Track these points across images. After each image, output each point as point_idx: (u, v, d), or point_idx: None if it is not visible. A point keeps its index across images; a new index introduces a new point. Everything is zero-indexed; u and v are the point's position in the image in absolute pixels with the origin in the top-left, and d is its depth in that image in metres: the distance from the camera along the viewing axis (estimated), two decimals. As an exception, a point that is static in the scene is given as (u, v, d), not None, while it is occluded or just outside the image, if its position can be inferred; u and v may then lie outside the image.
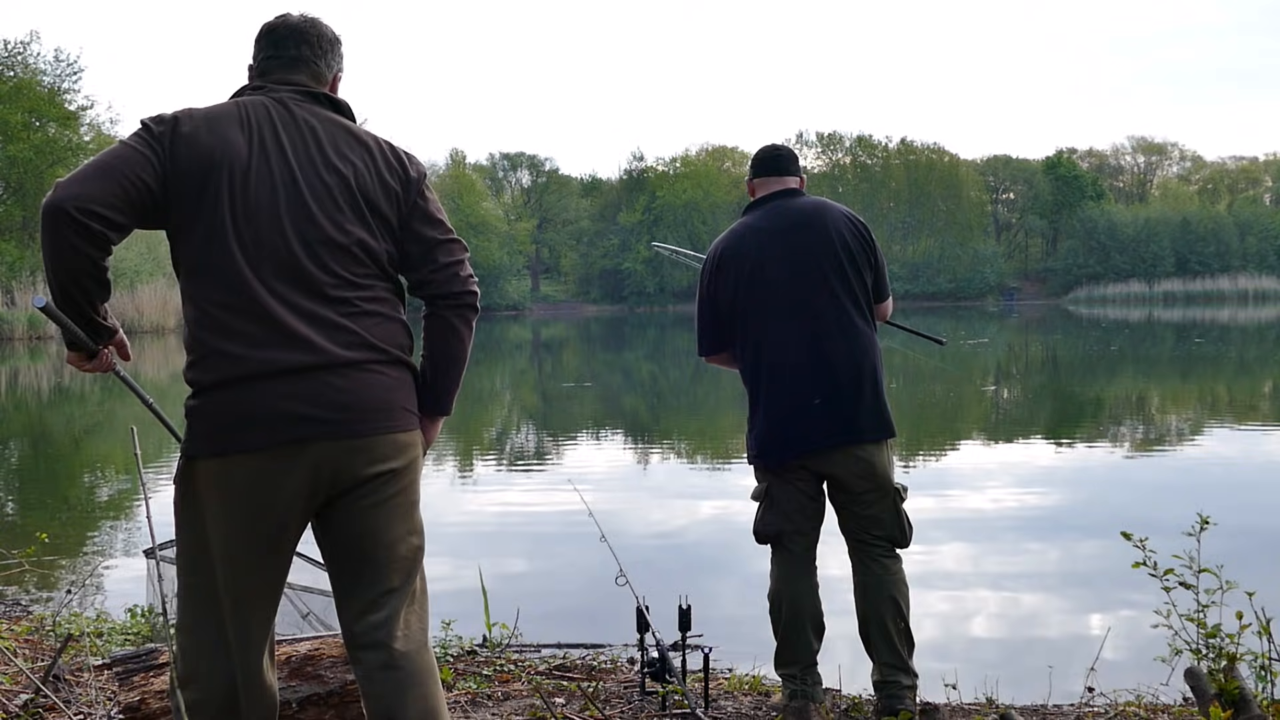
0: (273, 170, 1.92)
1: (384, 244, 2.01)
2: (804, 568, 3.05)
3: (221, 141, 1.90)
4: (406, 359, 2.05)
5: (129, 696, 2.68)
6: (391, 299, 2.04)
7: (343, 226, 1.96)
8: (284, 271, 1.90)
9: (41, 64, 34.58)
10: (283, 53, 2.08)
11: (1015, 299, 59.28)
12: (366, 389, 1.94)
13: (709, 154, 63.86)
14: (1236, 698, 2.63)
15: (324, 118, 2.03)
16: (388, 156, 2.05)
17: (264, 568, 1.95)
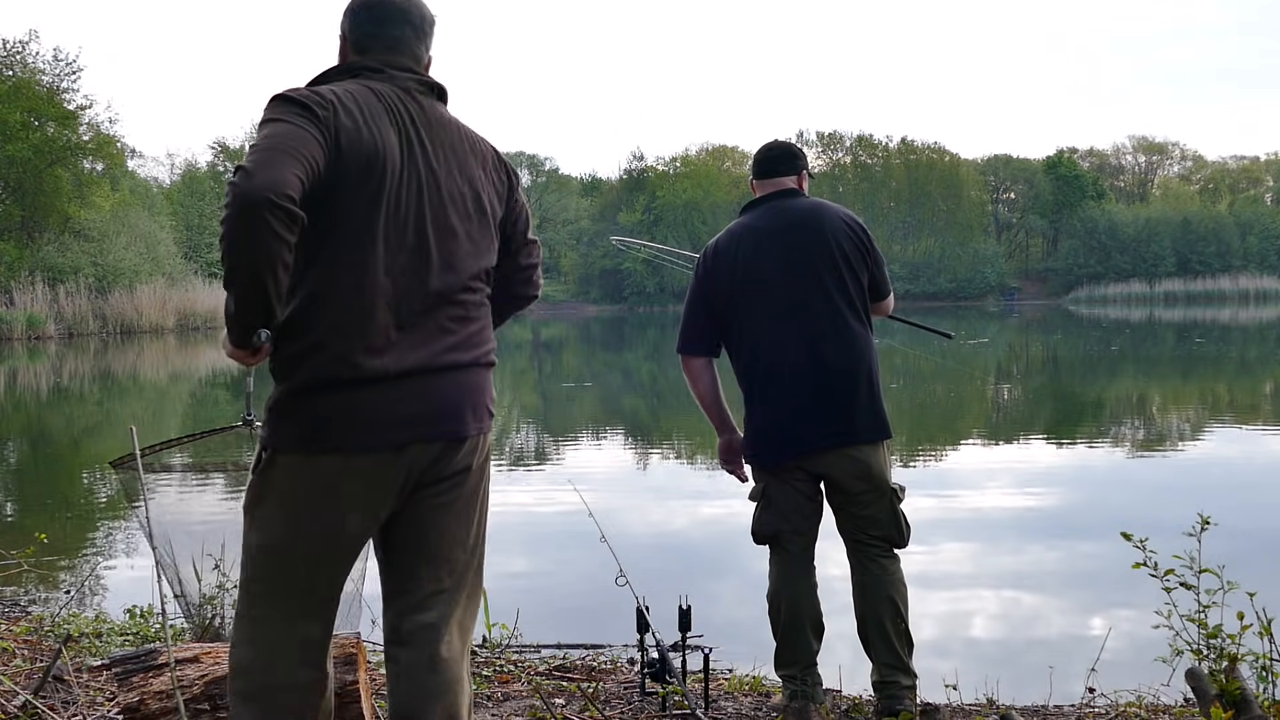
0: (420, 174, 1.92)
1: (495, 250, 2.06)
2: (802, 568, 3.04)
3: (381, 138, 1.87)
4: (494, 360, 2.11)
5: (128, 697, 2.68)
6: (488, 301, 2.08)
7: (472, 236, 1.99)
8: (417, 278, 1.90)
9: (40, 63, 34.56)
10: (385, 31, 2.01)
11: (1016, 299, 59.25)
12: (468, 391, 1.98)
13: (709, 154, 63.88)
14: (1238, 698, 2.63)
15: (449, 118, 2.04)
16: (493, 159, 2.09)
17: (348, 565, 1.99)
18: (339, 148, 1.81)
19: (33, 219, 33.40)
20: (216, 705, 2.66)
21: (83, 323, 30.16)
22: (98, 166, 37.06)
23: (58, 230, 33.03)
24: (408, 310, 1.88)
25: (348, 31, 2.06)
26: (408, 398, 1.88)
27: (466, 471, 1.99)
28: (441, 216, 1.93)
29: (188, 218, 41.96)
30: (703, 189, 59.17)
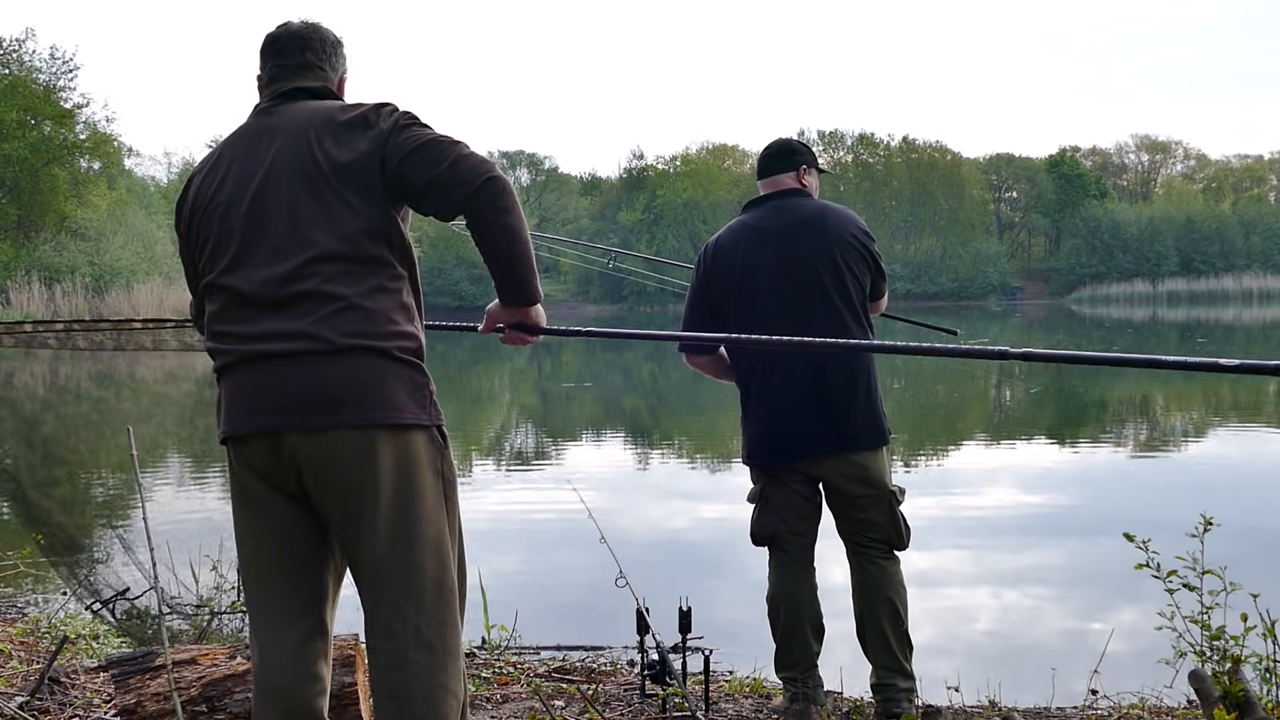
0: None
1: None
2: (801, 569, 3.03)
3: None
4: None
5: (125, 699, 2.67)
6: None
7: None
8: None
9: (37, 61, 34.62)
10: (288, 60, 2.11)
11: (1018, 298, 59.21)
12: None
13: (709, 152, 63.85)
14: (1241, 700, 2.61)
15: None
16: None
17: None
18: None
19: (29, 218, 33.40)
20: (214, 707, 2.65)
21: (80, 322, 30.16)
22: (94, 165, 37.08)
23: (54, 229, 33.04)
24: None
25: (260, 71, 2.17)
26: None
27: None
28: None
29: (187, 217, 41.93)
30: (703, 188, 59.15)
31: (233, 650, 2.77)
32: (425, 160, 1.90)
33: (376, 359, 1.90)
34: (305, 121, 1.99)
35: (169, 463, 9.87)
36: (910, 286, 55.72)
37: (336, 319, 1.89)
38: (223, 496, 8.24)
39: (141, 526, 3.09)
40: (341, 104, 2.04)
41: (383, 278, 1.94)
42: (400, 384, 1.92)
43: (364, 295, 1.91)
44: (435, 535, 1.97)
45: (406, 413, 1.93)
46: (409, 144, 1.91)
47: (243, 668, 2.69)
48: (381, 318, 1.91)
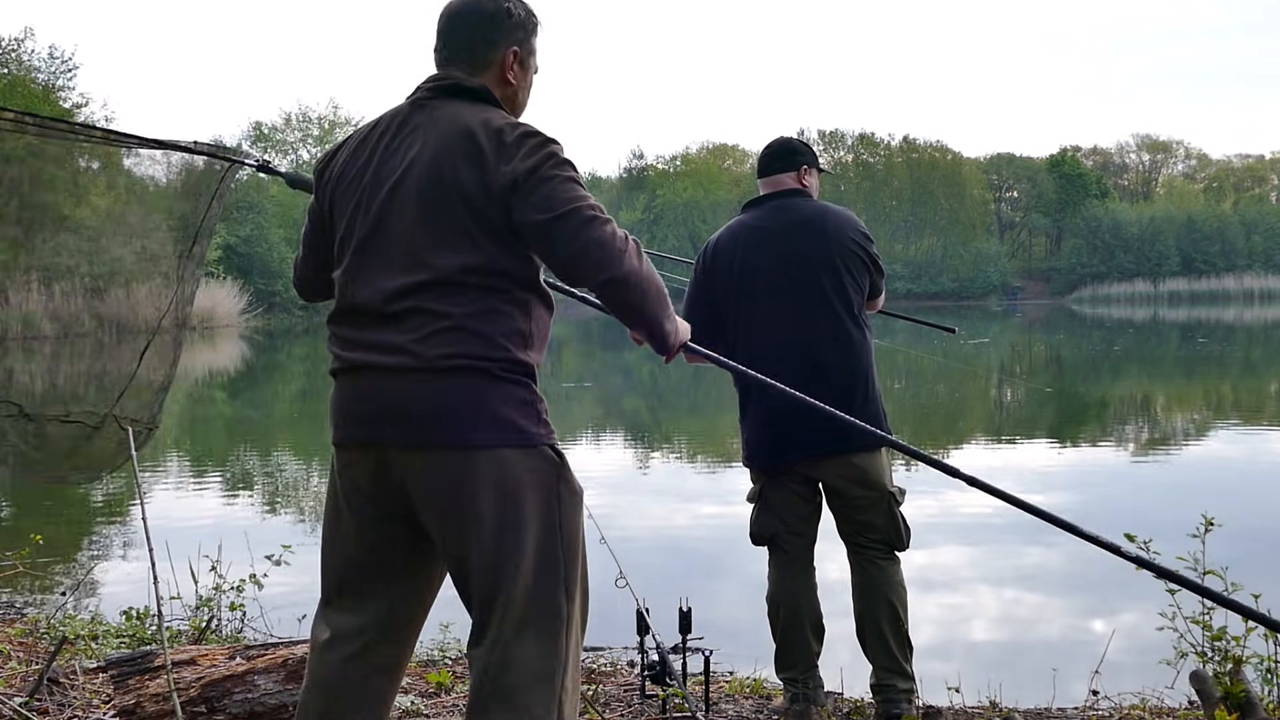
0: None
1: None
2: (801, 569, 3.03)
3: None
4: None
5: (124, 700, 2.67)
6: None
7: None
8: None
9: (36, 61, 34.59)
10: (448, 44, 2.01)
11: (1019, 298, 59.21)
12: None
13: (710, 152, 63.88)
14: (1242, 701, 2.61)
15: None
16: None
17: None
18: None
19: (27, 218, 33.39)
20: (213, 708, 2.65)
21: (78, 322, 30.16)
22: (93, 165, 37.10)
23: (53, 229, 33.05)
24: None
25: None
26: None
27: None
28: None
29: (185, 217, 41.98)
30: (703, 188, 59.17)
31: (232, 651, 2.77)
32: (549, 237, 1.84)
33: (478, 379, 1.86)
34: (448, 134, 1.90)
35: (168, 463, 9.86)
36: (911, 286, 55.71)
37: (439, 337, 1.85)
38: (222, 497, 8.24)
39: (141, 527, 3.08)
40: (489, 121, 1.89)
41: (495, 301, 1.88)
42: (504, 403, 1.87)
43: (472, 317, 1.86)
44: (539, 558, 1.89)
45: (509, 432, 1.87)
46: (536, 209, 1.83)
47: (242, 668, 2.69)
48: (488, 340, 1.87)
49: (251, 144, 50.65)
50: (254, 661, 2.69)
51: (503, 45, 1.99)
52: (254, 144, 50.70)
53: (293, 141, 51.31)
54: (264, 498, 8.03)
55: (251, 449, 11.25)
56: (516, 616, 1.87)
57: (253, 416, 14.43)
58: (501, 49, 1.99)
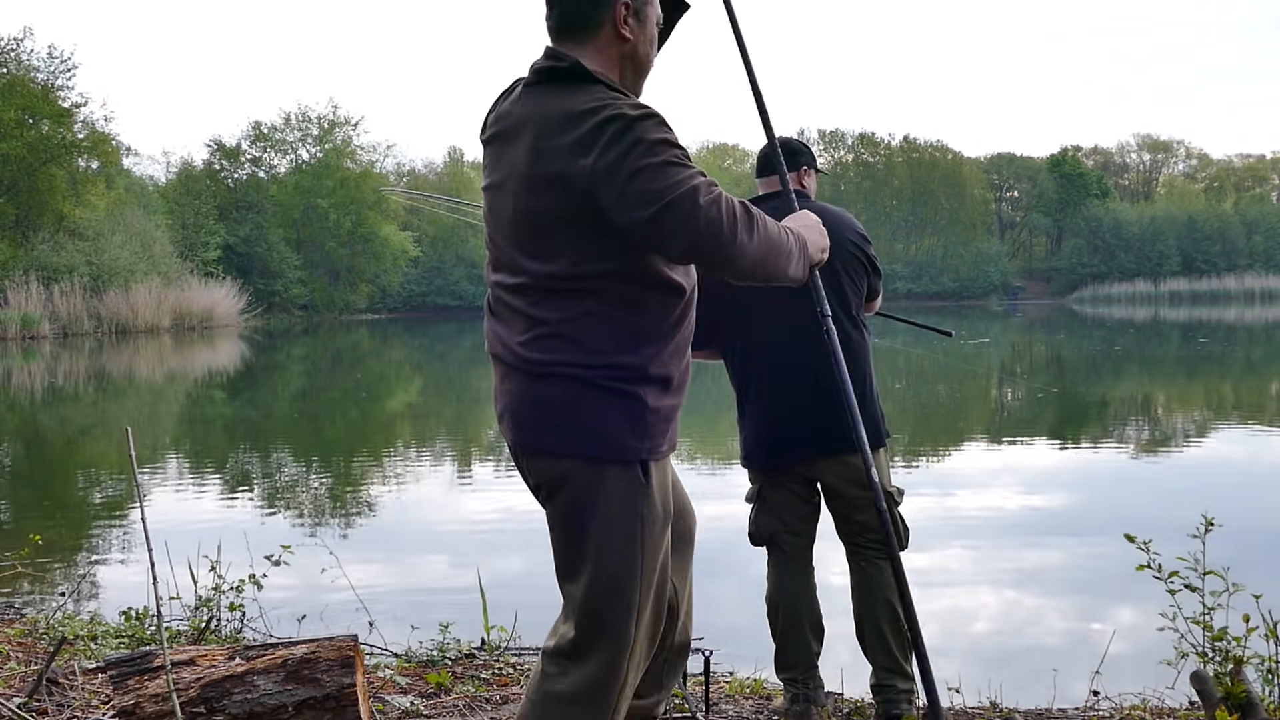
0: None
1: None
2: (800, 569, 3.02)
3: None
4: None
5: (123, 700, 2.66)
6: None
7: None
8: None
9: (35, 61, 34.63)
10: (549, 15, 1.93)
11: (1019, 298, 59.21)
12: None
13: (710, 152, 63.90)
14: (1243, 701, 2.60)
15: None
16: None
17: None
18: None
19: (27, 217, 33.39)
20: (213, 709, 2.64)
21: (77, 322, 30.13)
22: (93, 165, 37.10)
23: (52, 229, 33.03)
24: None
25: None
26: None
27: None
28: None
29: (183, 216, 41.95)
30: (704, 188, 59.15)
31: (231, 651, 2.76)
32: (656, 235, 1.76)
33: (573, 386, 1.83)
34: (538, 126, 1.82)
35: (167, 463, 9.86)
36: (911, 286, 55.72)
37: (537, 343, 1.84)
38: (221, 497, 8.24)
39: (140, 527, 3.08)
40: (570, 110, 1.80)
41: (593, 304, 1.82)
42: (599, 414, 1.83)
43: (569, 322, 1.82)
44: (610, 575, 1.86)
45: (602, 444, 1.84)
46: (632, 207, 1.74)
47: (241, 669, 2.68)
48: (586, 345, 1.82)
49: (251, 143, 50.61)
50: (253, 662, 2.68)
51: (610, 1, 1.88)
52: (253, 143, 50.66)
53: (292, 141, 51.26)
54: (263, 498, 8.03)
55: (251, 449, 11.25)
56: (575, 635, 1.86)
57: (252, 417, 14.43)
58: (610, 5, 1.89)
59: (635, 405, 1.85)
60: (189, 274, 36.41)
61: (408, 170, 58.02)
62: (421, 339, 33.75)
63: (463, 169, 58.38)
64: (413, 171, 58.36)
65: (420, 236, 52.63)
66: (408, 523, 6.95)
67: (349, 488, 8.51)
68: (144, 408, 15.29)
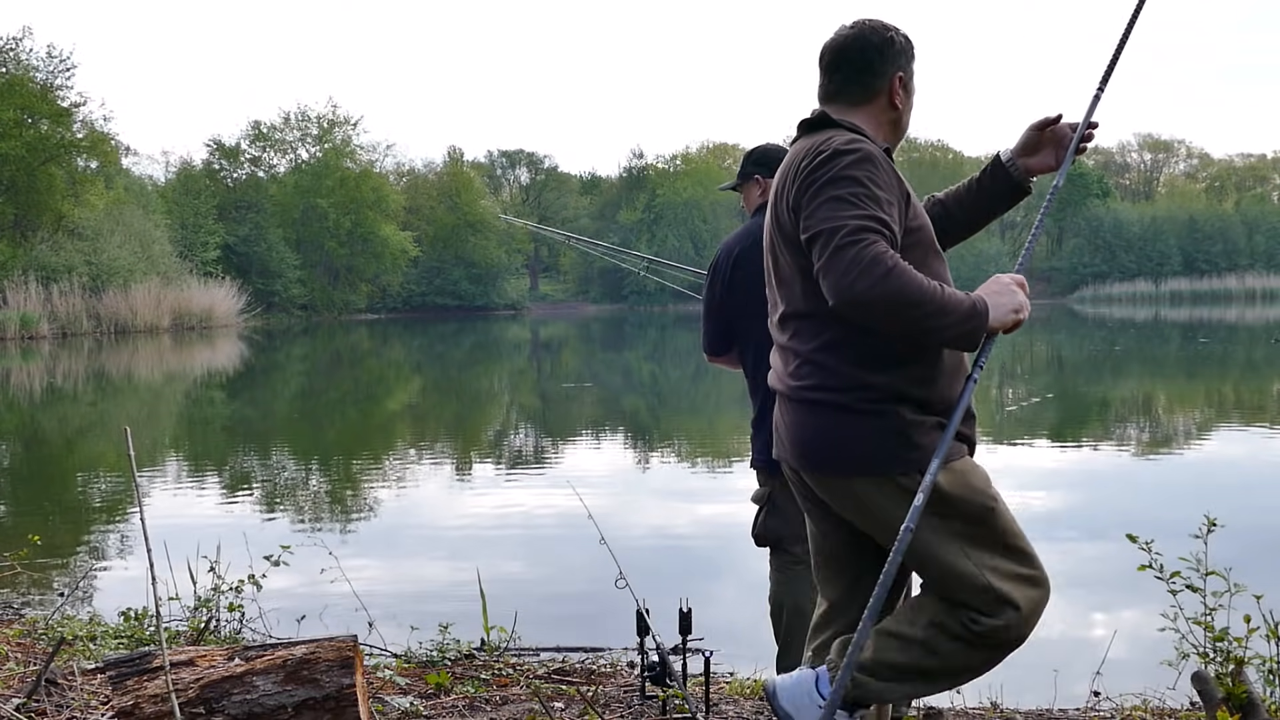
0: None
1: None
2: (804, 570, 3.01)
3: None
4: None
5: (122, 701, 2.65)
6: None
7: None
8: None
9: (34, 60, 34.55)
10: (822, 82, 2.16)
11: (1019, 298, 58.99)
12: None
13: (710, 151, 63.85)
14: (1245, 702, 2.59)
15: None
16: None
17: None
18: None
19: (26, 217, 33.36)
20: (212, 709, 2.63)
21: (76, 322, 30.12)
22: (92, 164, 37.07)
23: (51, 229, 33.02)
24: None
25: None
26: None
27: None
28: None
29: (182, 216, 41.94)
30: (703, 187, 59.13)
31: (230, 652, 2.76)
32: (812, 257, 1.94)
33: (831, 413, 1.99)
34: (791, 166, 2.04)
35: (167, 464, 9.85)
36: (911, 286, 55.62)
37: (799, 372, 2.03)
38: (220, 497, 8.23)
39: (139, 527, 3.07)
40: (801, 150, 2.03)
41: (838, 331, 1.98)
42: (859, 435, 1.97)
43: (818, 350, 2.00)
44: (929, 566, 2.03)
45: (866, 463, 1.98)
46: (803, 229, 1.95)
47: (240, 669, 2.68)
48: (837, 372, 1.98)
49: (250, 143, 50.60)
50: (253, 662, 2.67)
51: (890, 72, 2.10)
52: (253, 143, 50.65)
53: (291, 141, 51.25)
54: (263, 498, 8.02)
55: (250, 449, 11.24)
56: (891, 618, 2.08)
57: (251, 417, 14.42)
58: (888, 76, 2.10)
59: (892, 423, 1.97)
60: (188, 274, 36.39)
61: (407, 170, 58.03)
62: (421, 339, 33.75)
63: (462, 168, 58.37)
64: (412, 171, 58.35)
65: (420, 236, 52.61)
66: (407, 523, 6.94)
67: (348, 488, 8.51)
68: (143, 408, 15.28)
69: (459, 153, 59.55)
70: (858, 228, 1.86)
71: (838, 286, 1.85)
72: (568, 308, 57.81)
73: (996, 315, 2.01)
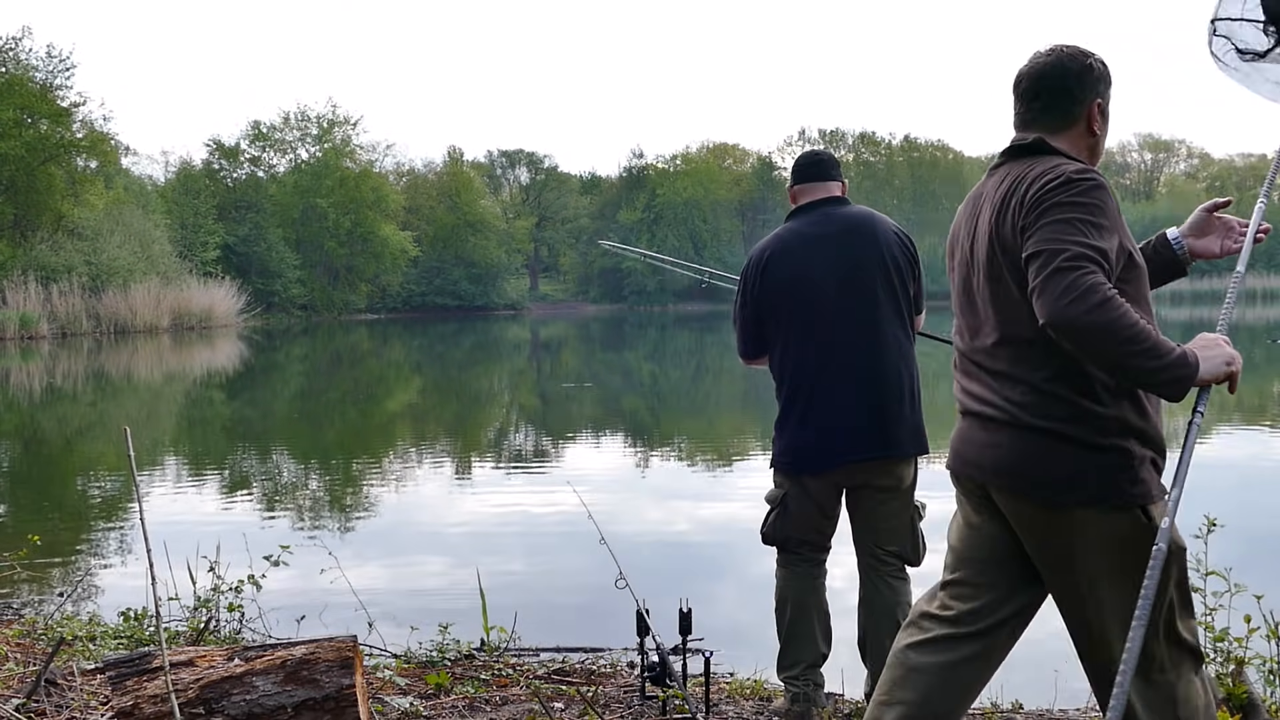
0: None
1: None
2: (812, 569, 3.03)
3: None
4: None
5: (122, 701, 2.65)
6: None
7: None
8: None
9: (34, 60, 34.52)
10: (1021, 108, 2.19)
11: (1018, 298, 59.09)
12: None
13: (710, 151, 63.82)
14: (1245, 702, 2.59)
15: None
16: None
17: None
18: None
19: (25, 217, 33.33)
20: (211, 709, 2.63)
21: (76, 322, 30.09)
22: (91, 164, 37.05)
23: (51, 229, 32.99)
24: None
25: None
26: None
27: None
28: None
29: (182, 216, 41.92)
30: (703, 187, 59.15)
31: (230, 652, 2.75)
32: (1028, 274, 1.92)
33: (1060, 443, 1.97)
34: (1005, 189, 2.04)
35: (166, 464, 9.85)
36: (911, 286, 55.68)
37: (1025, 400, 2.00)
38: (220, 497, 8.23)
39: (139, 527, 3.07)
40: (1026, 175, 2.02)
41: (1066, 360, 1.95)
42: (1090, 468, 1.95)
43: (1048, 380, 1.98)
44: (1100, 617, 2.03)
45: (1095, 495, 1.96)
46: (1026, 248, 1.93)
47: (240, 670, 2.68)
48: (1068, 401, 1.96)
49: (250, 143, 50.59)
50: (252, 663, 2.67)
51: (1089, 99, 2.12)
52: (252, 143, 50.63)
53: (291, 141, 51.23)
54: (262, 499, 8.02)
55: (250, 450, 11.24)
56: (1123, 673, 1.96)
57: (251, 417, 14.42)
58: (1088, 102, 2.12)
59: (1119, 459, 1.96)
60: (188, 274, 36.36)
61: (407, 170, 58.00)
62: (421, 339, 33.74)
63: (462, 168, 58.37)
64: (412, 171, 58.33)
65: (420, 236, 52.60)
66: (407, 523, 6.94)
67: (348, 488, 8.51)
68: (143, 408, 15.28)
69: (459, 152, 59.54)
70: (1078, 254, 1.86)
71: (1051, 307, 1.85)
72: (568, 308, 57.82)
73: (1208, 367, 2.01)
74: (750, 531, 3.07)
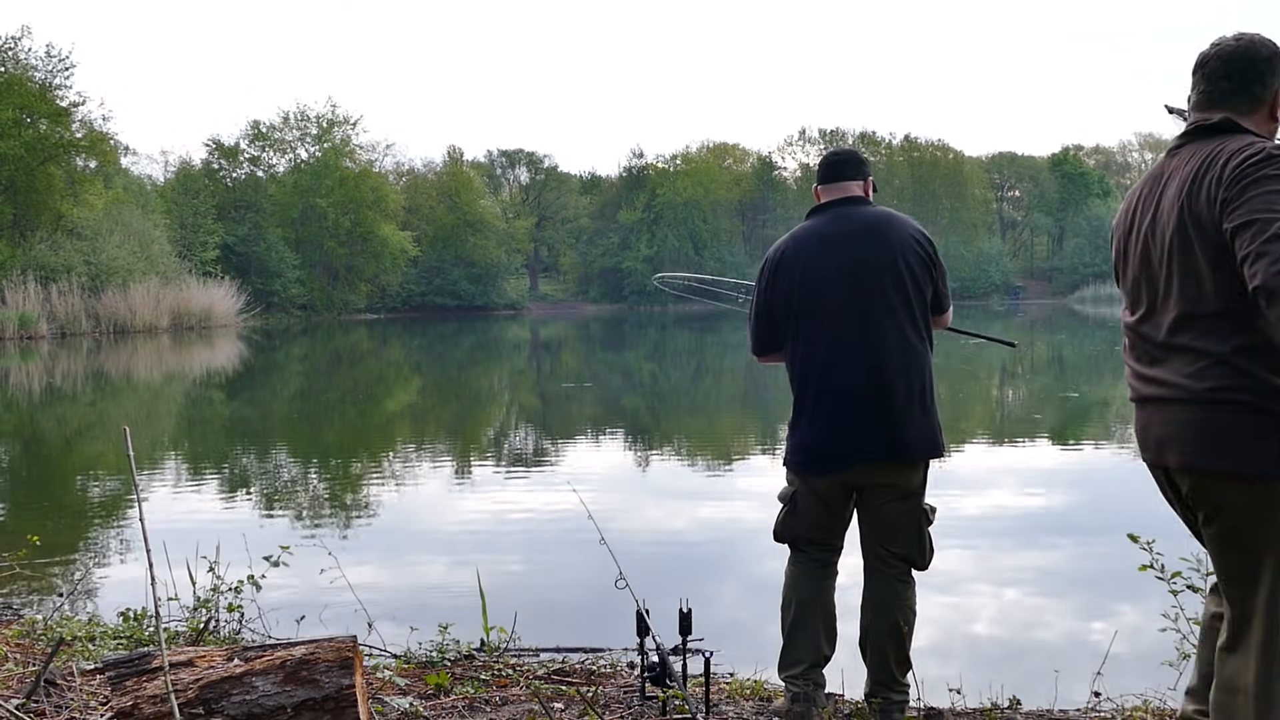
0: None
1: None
2: (820, 569, 3.03)
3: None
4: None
5: (121, 701, 2.64)
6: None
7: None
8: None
9: (33, 60, 34.55)
10: (1207, 88, 2.19)
11: (1020, 298, 59.21)
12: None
13: (710, 151, 63.86)
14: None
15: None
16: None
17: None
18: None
19: (25, 217, 33.35)
20: (211, 710, 2.63)
21: (75, 322, 30.10)
22: (90, 164, 37.08)
23: (50, 228, 32.99)
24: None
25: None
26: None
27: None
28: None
29: (181, 216, 41.93)
30: (703, 187, 59.16)
31: (230, 652, 2.75)
32: (1235, 243, 1.92)
33: (1237, 412, 1.99)
34: (1197, 165, 2.05)
35: (166, 464, 9.84)
36: (911, 286, 55.62)
37: (1210, 374, 2.02)
38: (220, 497, 8.23)
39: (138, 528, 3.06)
40: (1220, 151, 2.04)
41: (1253, 333, 1.97)
42: (1265, 436, 1.98)
43: (1235, 354, 1.99)
44: (1271, 585, 2.02)
45: (1265, 464, 1.99)
46: (1230, 218, 1.94)
47: (240, 670, 2.67)
48: (1255, 375, 1.98)
49: (249, 143, 50.58)
50: (252, 663, 2.67)
51: (1275, 84, 2.16)
52: (252, 143, 50.63)
53: (290, 140, 51.24)
54: (262, 499, 8.02)
55: (249, 450, 11.23)
56: (1255, 640, 2.04)
57: (250, 417, 14.41)
58: (1273, 88, 2.16)
59: None
60: (187, 274, 36.37)
61: (407, 170, 58.01)
62: (421, 339, 33.74)
63: (462, 168, 58.37)
64: (412, 171, 58.34)
65: (419, 236, 52.61)
66: (407, 523, 6.93)
67: (348, 488, 8.50)
68: (142, 408, 15.27)
69: (459, 152, 59.60)
70: None
71: (1268, 271, 1.84)
72: (567, 308, 57.82)
73: None
74: (750, 531, 3.07)
